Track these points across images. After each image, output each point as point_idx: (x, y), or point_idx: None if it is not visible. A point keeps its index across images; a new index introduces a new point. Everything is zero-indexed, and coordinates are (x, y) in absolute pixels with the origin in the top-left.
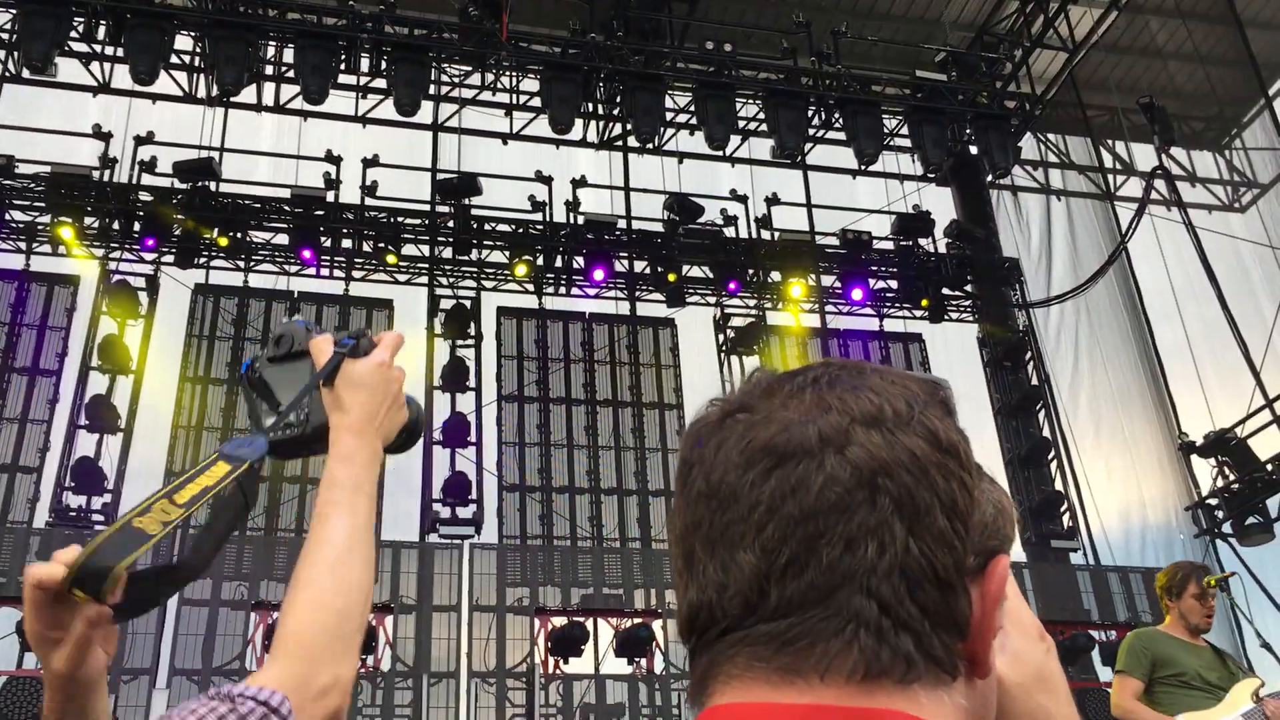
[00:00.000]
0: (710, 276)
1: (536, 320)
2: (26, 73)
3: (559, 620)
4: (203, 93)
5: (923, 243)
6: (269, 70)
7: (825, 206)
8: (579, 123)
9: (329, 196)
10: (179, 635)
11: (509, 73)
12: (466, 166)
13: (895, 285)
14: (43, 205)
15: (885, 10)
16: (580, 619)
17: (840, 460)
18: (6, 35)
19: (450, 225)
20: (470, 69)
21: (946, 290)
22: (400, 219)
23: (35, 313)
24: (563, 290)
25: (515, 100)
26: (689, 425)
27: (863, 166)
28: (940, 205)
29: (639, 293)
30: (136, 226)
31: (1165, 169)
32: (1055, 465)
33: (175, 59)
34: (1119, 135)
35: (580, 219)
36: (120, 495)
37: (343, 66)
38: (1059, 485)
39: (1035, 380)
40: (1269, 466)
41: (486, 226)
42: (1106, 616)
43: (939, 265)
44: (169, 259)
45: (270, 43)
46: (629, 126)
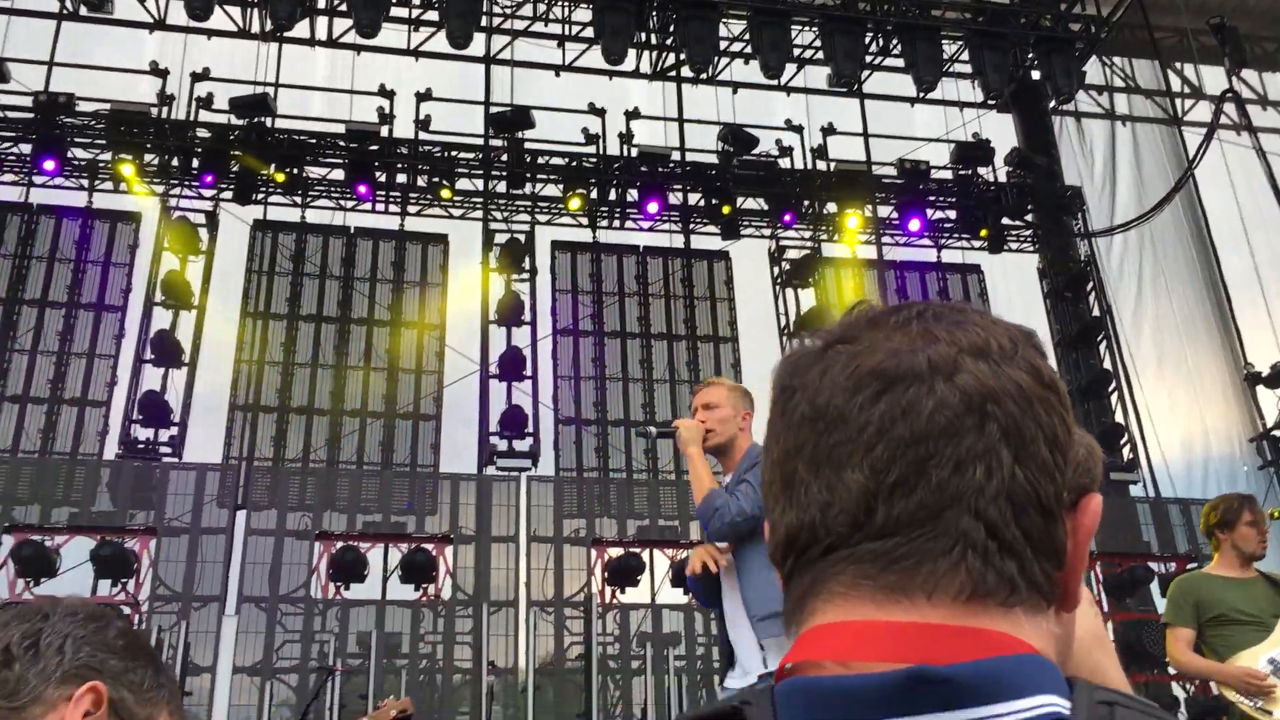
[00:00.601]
0: (765, 208)
1: (591, 254)
2: (84, 10)
3: (615, 551)
4: (257, 28)
5: (982, 172)
6: (322, 4)
7: (882, 136)
8: (632, 53)
9: (383, 131)
10: (246, 564)
11: (561, 3)
12: (519, 99)
13: (953, 215)
14: (103, 143)
15: None
16: (636, 550)
17: (950, 387)
18: None
19: (504, 159)
20: (522, 0)
21: (1006, 220)
22: (454, 153)
23: (99, 249)
24: (617, 223)
25: (568, 31)
26: (786, 356)
27: (921, 94)
28: (1001, 133)
29: (693, 225)
30: (195, 163)
31: (1235, 92)
32: (1116, 397)
33: None
34: (1187, 58)
35: (634, 151)
36: (186, 429)
37: None
38: (1119, 417)
39: (1097, 311)
40: None
41: (540, 160)
42: (1166, 549)
43: (999, 194)
44: (227, 195)
45: None
46: (682, 56)
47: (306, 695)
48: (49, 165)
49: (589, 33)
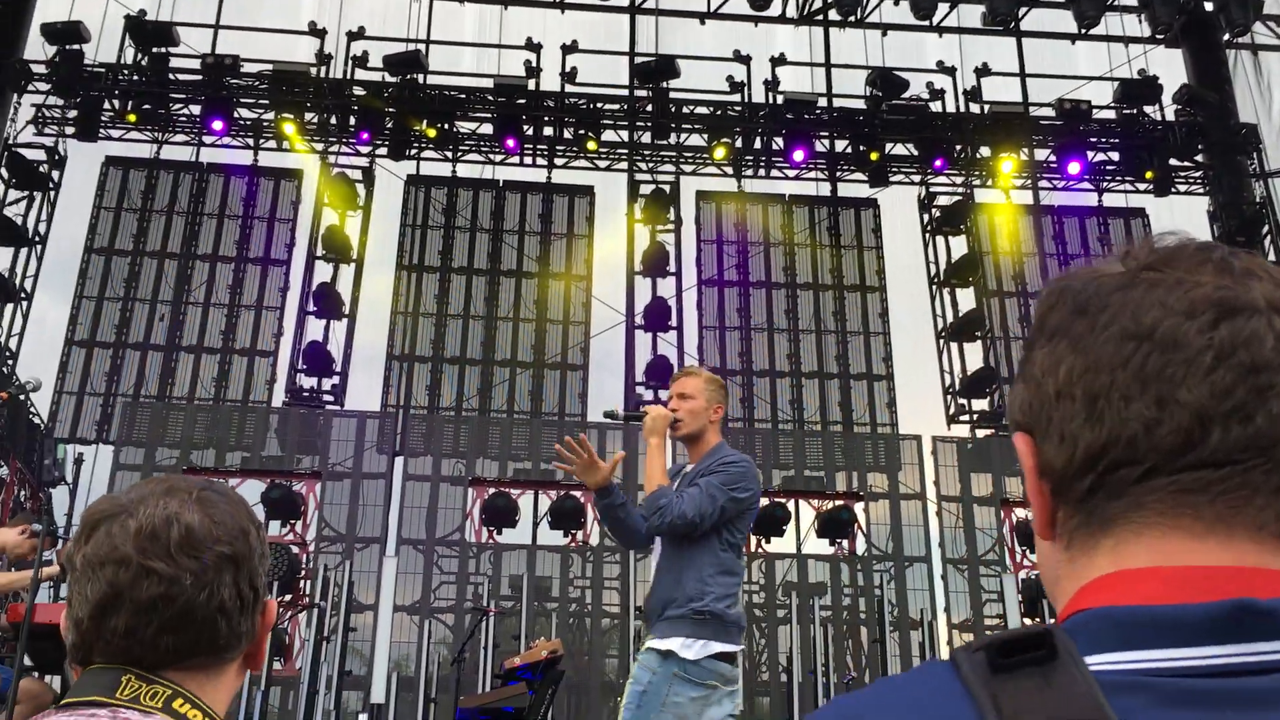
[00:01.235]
0: (915, 154)
1: (736, 204)
2: None
3: (761, 501)
4: None
5: (1148, 110)
6: None
7: (1040, 75)
8: None
9: (530, 85)
10: (405, 508)
11: None
12: (664, 49)
13: (1116, 157)
14: (266, 103)
15: None
16: (782, 500)
17: None
18: None
19: (649, 109)
20: None
21: (1174, 161)
22: (599, 105)
23: (265, 206)
24: (762, 172)
25: None
26: (1077, 276)
27: (1083, 30)
28: (1169, 69)
29: (840, 173)
30: (352, 121)
31: None
32: None
33: None
34: None
35: (779, 99)
36: (347, 378)
37: None
38: None
39: (1274, 256)
40: None
41: (685, 110)
42: None
43: (1166, 134)
44: (383, 151)
45: None
46: None
47: (462, 634)
48: (217, 125)
49: None
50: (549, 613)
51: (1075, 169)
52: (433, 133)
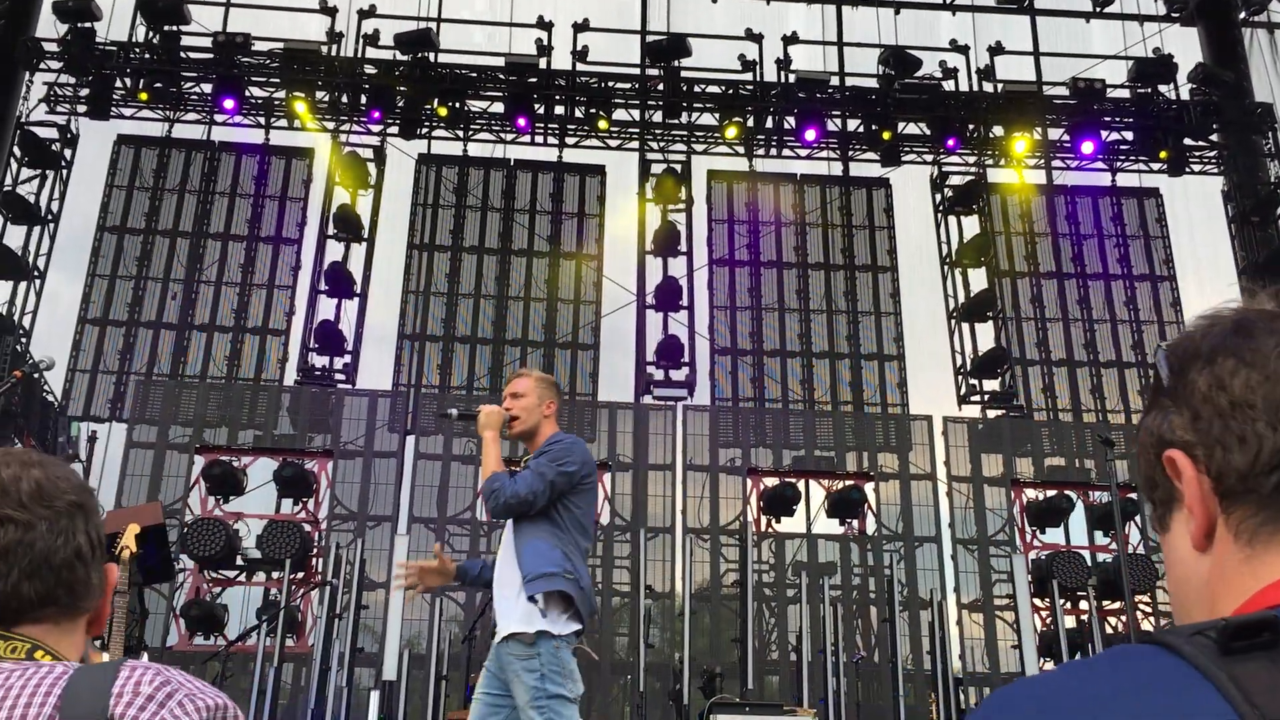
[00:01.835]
0: (927, 133)
1: (747, 183)
2: None
3: (771, 481)
4: None
5: (1163, 89)
6: None
7: (1054, 54)
8: None
9: (541, 63)
10: (416, 486)
11: None
12: (675, 27)
13: (1130, 137)
14: (278, 81)
15: None
16: (792, 480)
17: None
18: None
19: (660, 88)
20: None
21: (1188, 141)
22: (611, 83)
23: (276, 184)
24: (774, 152)
25: None
26: (1227, 309)
27: (1097, 9)
28: (1184, 48)
29: (852, 152)
30: (363, 99)
31: None
32: None
33: None
34: None
35: (791, 77)
36: (358, 356)
37: None
38: None
39: None
40: None
41: (696, 89)
42: None
43: (1181, 113)
44: (394, 130)
45: None
46: None
47: (473, 612)
48: (228, 104)
49: None
50: None
51: (1089, 148)
52: (444, 111)
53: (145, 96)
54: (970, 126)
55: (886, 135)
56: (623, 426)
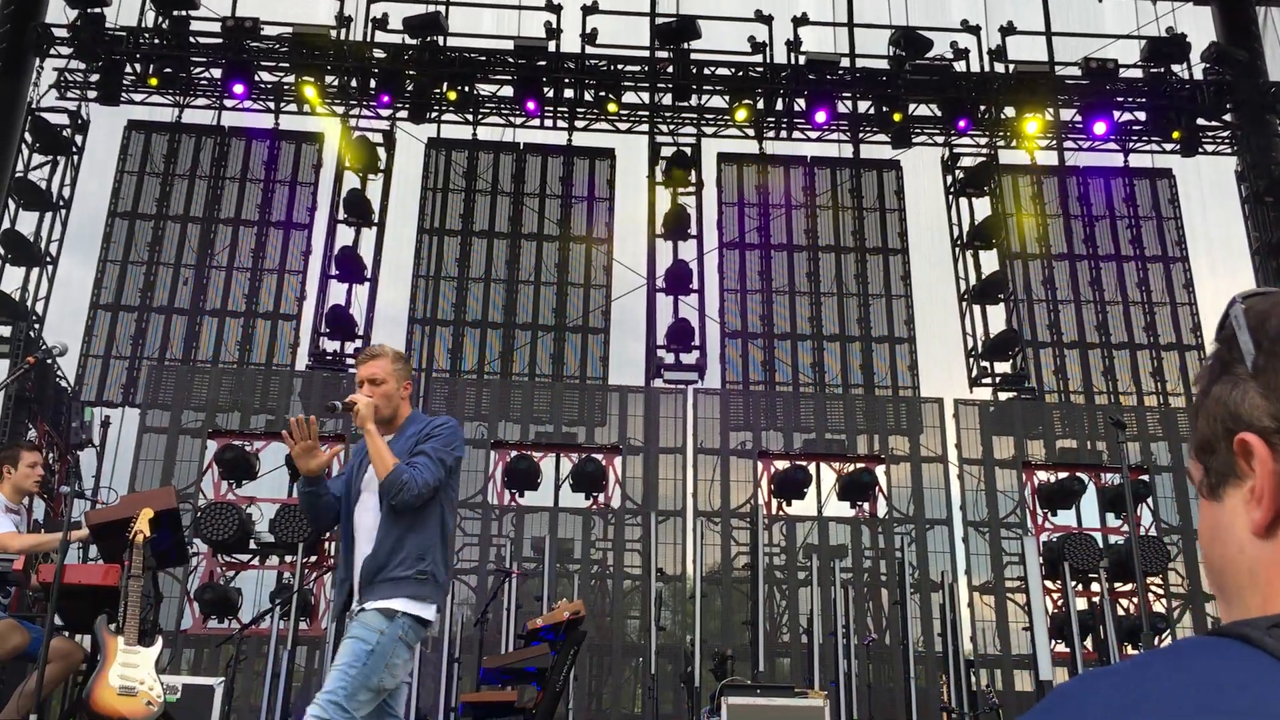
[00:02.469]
0: (938, 114)
1: (757, 165)
2: None
3: (781, 464)
4: None
5: (1176, 69)
6: None
7: (1066, 34)
8: None
9: (550, 46)
10: None
11: None
12: (685, 9)
13: (1143, 117)
14: (287, 66)
15: None
16: (803, 463)
17: None
18: None
19: (669, 71)
20: None
21: (1202, 121)
22: (620, 66)
23: (286, 169)
24: (784, 134)
25: None
26: None
27: None
28: (1197, 27)
29: (863, 134)
30: (372, 83)
31: None
32: None
33: None
34: None
35: (802, 59)
36: (370, 341)
37: None
38: None
39: None
40: None
41: (706, 71)
42: None
43: (1194, 93)
44: (403, 114)
45: None
46: None
47: (485, 595)
48: (238, 89)
49: None
50: (571, 574)
51: (1101, 129)
52: (453, 95)
53: (155, 82)
54: (982, 107)
55: (897, 117)
56: (633, 410)
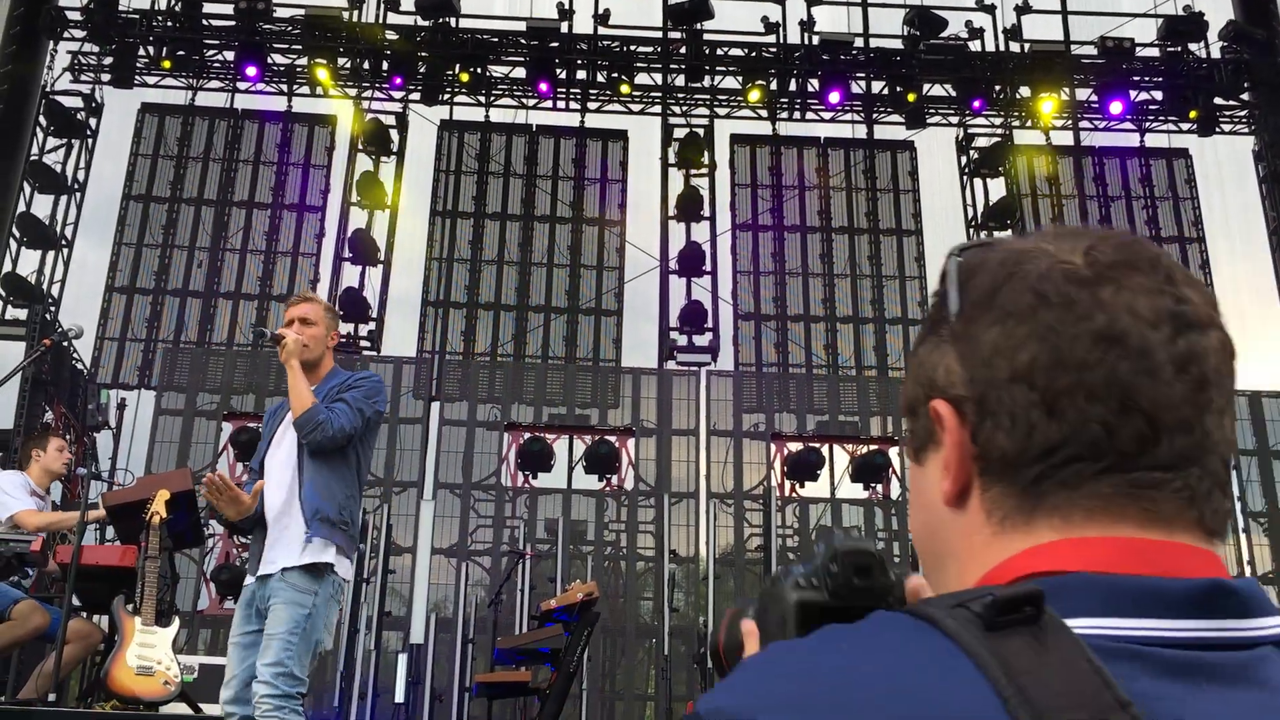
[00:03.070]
0: (953, 95)
1: (770, 147)
2: None
3: (794, 446)
4: None
5: (1193, 48)
6: None
7: (1082, 13)
8: None
9: (563, 28)
10: (441, 452)
11: None
12: None
13: (1159, 97)
14: (299, 48)
15: None
16: (816, 444)
17: (1217, 339)
18: None
19: (682, 52)
20: None
21: (1219, 100)
22: (632, 47)
23: (299, 152)
24: (797, 115)
25: None
26: (1036, 257)
27: None
28: (1215, 5)
29: (876, 115)
30: (384, 65)
31: None
32: None
33: None
34: None
35: (815, 39)
36: (383, 324)
37: None
38: None
39: None
40: None
41: (719, 52)
42: None
43: (1211, 72)
44: (415, 96)
45: None
46: None
47: (499, 576)
48: (251, 71)
49: None
50: (584, 556)
51: (1117, 109)
52: (465, 77)
53: (168, 64)
54: (996, 87)
55: (911, 97)
56: (646, 392)
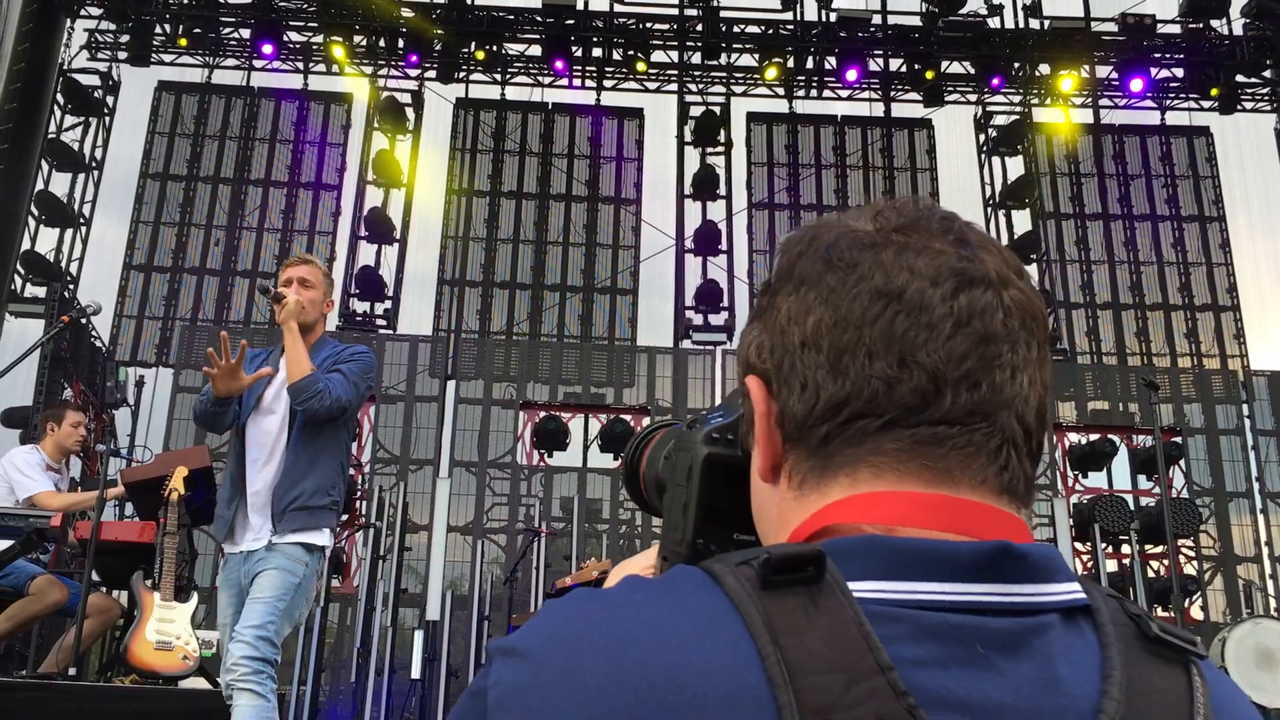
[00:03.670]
0: (971, 72)
1: (787, 125)
2: None
3: None
4: None
5: (1215, 24)
6: None
7: None
8: None
9: (579, 5)
10: (457, 430)
11: None
12: None
13: (1181, 74)
14: (315, 25)
15: None
16: None
17: (1010, 295)
18: None
19: (698, 29)
20: None
21: (1240, 77)
22: (648, 25)
23: (315, 131)
24: (814, 93)
25: None
26: (830, 227)
27: None
28: None
29: (894, 93)
30: (400, 43)
31: None
32: None
33: None
34: None
35: (832, 16)
36: (399, 302)
37: None
38: None
39: None
40: None
41: (735, 29)
42: None
43: (1233, 49)
44: (431, 74)
45: None
46: None
47: (514, 554)
48: (267, 49)
49: None
50: (599, 534)
51: (1138, 86)
52: (481, 55)
53: (184, 42)
54: (1015, 65)
55: (929, 75)
56: (662, 371)
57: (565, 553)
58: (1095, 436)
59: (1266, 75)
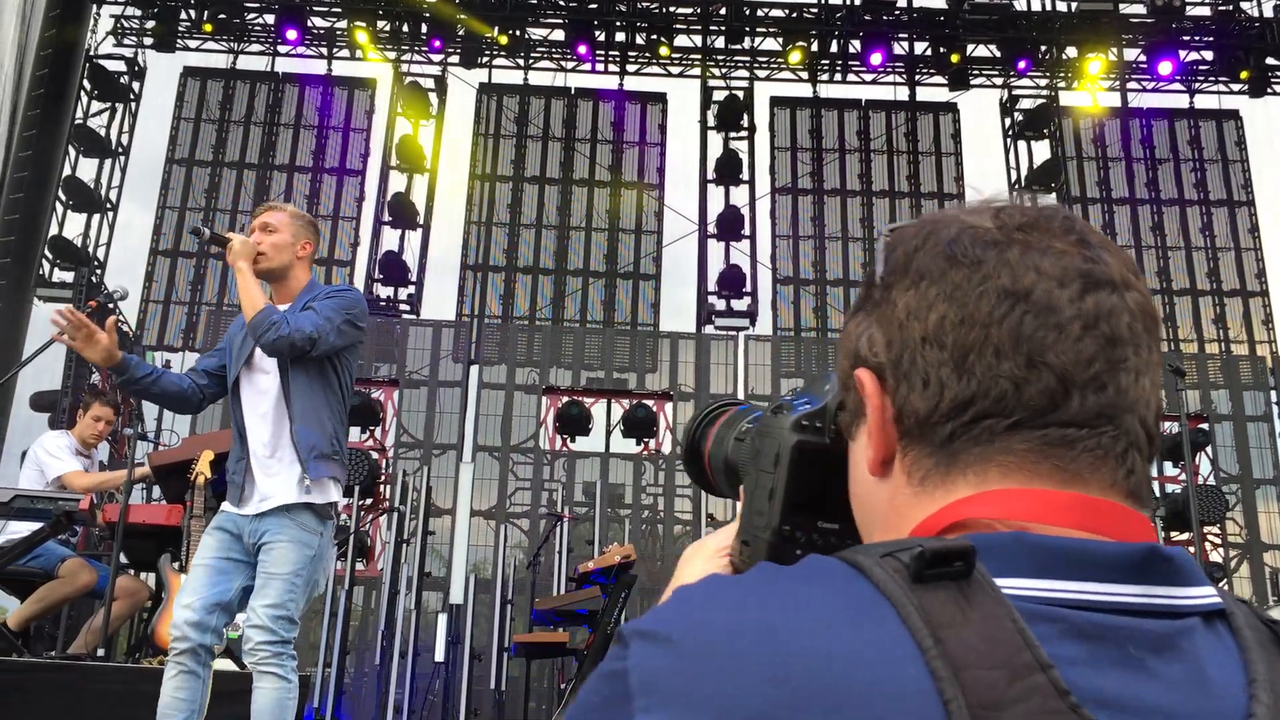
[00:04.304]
0: (997, 55)
1: (811, 109)
2: None
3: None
4: None
5: (1245, 6)
6: None
7: None
8: None
9: None
10: (480, 415)
11: None
12: None
13: (1210, 57)
14: (339, 11)
15: None
16: None
17: (1132, 298)
18: None
19: (722, 13)
20: None
21: (1271, 60)
22: (672, 9)
23: (339, 116)
24: (838, 77)
25: None
26: (948, 222)
27: None
28: None
29: (919, 76)
30: (424, 28)
31: None
32: None
33: None
34: None
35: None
36: (422, 287)
37: None
38: None
39: None
40: None
41: (759, 13)
42: None
43: (1264, 31)
44: (454, 59)
45: None
46: None
47: (537, 539)
48: (291, 34)
49: None
50: (622, 519)
51: (1166, 69)
52: (504, 40)
53: (210, 28)
54: (1042, 48)
55: (955, 58)
56: (684, 356)
57: (588, 537)
58: None
59: None
